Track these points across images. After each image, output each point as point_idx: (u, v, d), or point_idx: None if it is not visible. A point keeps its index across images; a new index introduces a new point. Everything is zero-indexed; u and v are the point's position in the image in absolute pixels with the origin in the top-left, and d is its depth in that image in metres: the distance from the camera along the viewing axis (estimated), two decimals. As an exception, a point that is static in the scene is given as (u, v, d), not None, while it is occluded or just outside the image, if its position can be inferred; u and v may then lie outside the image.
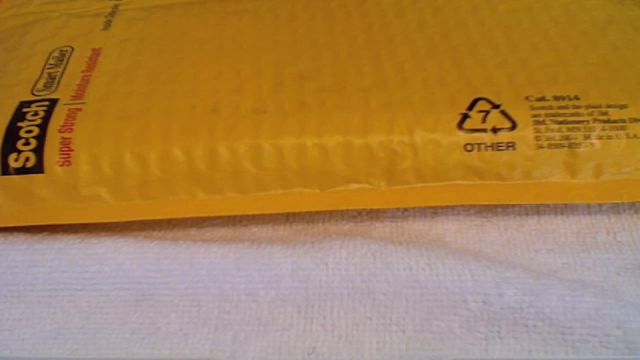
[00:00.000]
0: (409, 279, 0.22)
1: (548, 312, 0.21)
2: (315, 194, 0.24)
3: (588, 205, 0.25)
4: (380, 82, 0.25)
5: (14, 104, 0.25)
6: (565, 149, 0.23)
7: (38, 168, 0.24)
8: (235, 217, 0.26)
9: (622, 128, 0.23)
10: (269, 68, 0.26)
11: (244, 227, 0.25)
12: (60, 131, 0.24)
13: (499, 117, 0.24)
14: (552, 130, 0.23)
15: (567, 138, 0.23)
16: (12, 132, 0.24)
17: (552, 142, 0.23)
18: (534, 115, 0.24)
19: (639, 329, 0.20)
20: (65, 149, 0.24)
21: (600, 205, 0.25)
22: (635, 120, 0.24)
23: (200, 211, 0.24)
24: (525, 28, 0.27)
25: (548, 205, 0.25)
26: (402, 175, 0.24)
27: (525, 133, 0.23)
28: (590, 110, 0.24)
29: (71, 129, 0.24)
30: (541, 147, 0.23)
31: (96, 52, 0.28)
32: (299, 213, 0.25)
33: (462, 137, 0.24)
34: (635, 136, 0.23)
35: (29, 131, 0.24)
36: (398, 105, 0.24)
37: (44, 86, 0.26)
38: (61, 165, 0.24)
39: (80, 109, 0.25)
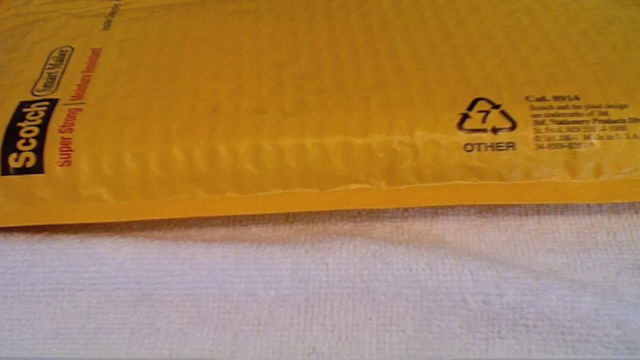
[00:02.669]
0: (409, 279, 0.22)
1: (548, 312, 0.21)
2: (315, 194, 0.24)
3: (588, 205, 0.25)
4: (380, 82, 0.25)
5: (14, 104, 0.25)
6: (565, 149, 0.23)
7: (38, 168, 0.24)
8: (235, 217, 0.26)
9: (622, 128, 0.23)
10: (269, 68, 0.26)
11: (244, 227, 0.25)
12: (60, 131, 0.24)
13: (499, 117, 0.24)
14: (552, 130, 0.23)
15: (567, 138, 0.23)
16: (12, 132, 0.24)
17: (552, 142, 0.23)
18: (534, 115, 0.24)
19: (639, 329, 0.20)
20: (65, 149, 0.24)
21: (600, 205, 0.25)
22: (635, 120, 0.24)
23: (200, 211, 0.24)
24: (525, 28, 0.27)
25: (548, 205, 0.25)
26: (402, 175, 0.24)
27: (525, 133, 0.23)
28: (590, 110, 0.24)
29: (71, 129, 0.24)
30: (541, 147, 0.23)
31: (96, 52, 0.28)
32: (299, 213, 0.25)
33: (462, 137, 0.24)
34: (635, 136, 0.23)
35: (29, 131, 0.24)
36: (398, 105, 0.24)
37: (44, 86, 0.26)
38: (61, 166, 0.24)
39: (80, 109, 0.25)
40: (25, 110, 0.25)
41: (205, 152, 0.24)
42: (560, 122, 0.24)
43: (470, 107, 0.24)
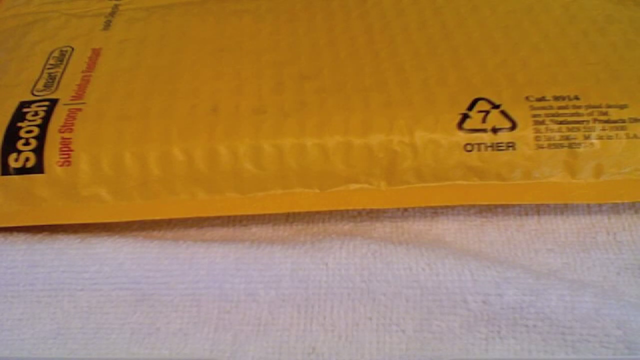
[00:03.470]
0: (409, 279, 0.22)
1: (548, 312, 0.21)
2: (315, 194, 0.24)
3: (588, 205, 0.25)
4: (380, 82, 0.25)
5: (14, 104, 0.25)
6: (565, 149, 0.23)
7: (38, 168, 0.24)
8: (235, 217, 0.26)
9: (622, 128, 0.23)
10: (269, 68, 0.26)
11: (244, 227, 0.25)
12: (60, 131, 0.24)
13: (499, 117, 0.24)
14: (552, 130, 0.23)
15: (567, 138, 0.23)
16: (12, 132, 0.24)
17: (552, 142, 0.23)
18: (534, 115, 0.24)
19: (639, 329, 0.20)
20: (65, 149, 0.24)
21: (600, 205, 0.25)
22: (635, 120, 0.24)
23: (200, 211, 0.24)
24: (525, 28, 0.27)
25: (548, 205, 0.25)
26: (402, 175, 0.24)
27: (525, 133, 0.23)
28: (590, 110, 0.24)
29: (71, 129, 0.24)
30: (541, 147, 0.23)
31: (96, 52, 0.28)
32: (299, 213, 0.25)
33: (462, 137, 0.24)
34: (635, 136, 0.23)
35: (29, 131, 0.24)
36: (398, 106, 0.24)
37: (44, 86, 0.26)
38: (61, 166, 0.24)
39: (80, 109, 0.25)
40: (25, 110, 0.25)
41: (205, 152, 0.24)
42: (560, 122, 0.24)
43: (470, 107, 0.24)
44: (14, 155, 0.24)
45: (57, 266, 0.23)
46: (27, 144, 0.24)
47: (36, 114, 0.25)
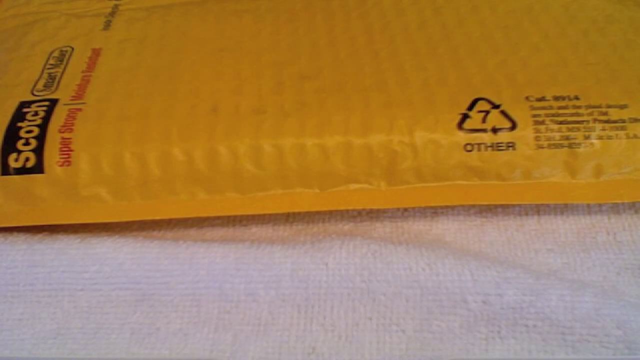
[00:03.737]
0: (409, 279, 0.22)
1: (548, 312, 0.21)
2: (315, 194, 0.24)
3: (588, 205, 0.25)
4: (380, 82, 0.25)
5: (14, 104, 0.25)
6: (565, 149, 0.23)
7: (38, 168, 0.24)
8: (235, 217, 0.26)
9: (622, 128, 0.23)
10: (269, 68, 0.26)
11: (244, 227, 0.25)
12: (60, 131, 0.24)
13: (499, 117, 0.24)
14: (552, 130, 0.23)
15: (567, 138, 0.23)
16: (12, 132, 0.24)
17: (552, 142, 0.23)
18: (534, 115, 0.24)
19: (639, 329, 0.20)
20: (65, 149, 0.24)
21: (600, 205, 0.25)
22: (635, 120, 0.24)
23: (200, 211, 0.24)
24: (525, 28, 0.27)
25: (548, 205, 0.25)
26: (402, 176, 0.24)
27: (525, 133, 0.23)
28: (590, 110, 0.24)
29: (71, 129, 0.24)
30: (541, 147, 0.23)
31: (96, 52, 0.28)
32: (299, 213, 0.25)
33: (462, 137, 0.24)
34: (635, 136, 0.23)
35: (29, 131, 0.24)
36: (398, 106, 0.24)
37: (44, 86, 0.26)
38: (61, 166, 0.24)
39: (80, 109, 0.25)
40: (25, 110, 0.25)
41: (205, 152, 0.24)
42: (560, 122, 0.24)
43: (470, 107, 0.24)
44: (14, 155, 0.24)
45: (57, 266, 0.23)
46: (27, 144, 0.24)
47: (36, 114, 0.25)
